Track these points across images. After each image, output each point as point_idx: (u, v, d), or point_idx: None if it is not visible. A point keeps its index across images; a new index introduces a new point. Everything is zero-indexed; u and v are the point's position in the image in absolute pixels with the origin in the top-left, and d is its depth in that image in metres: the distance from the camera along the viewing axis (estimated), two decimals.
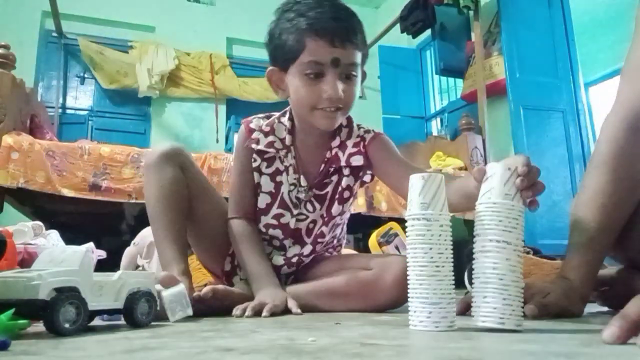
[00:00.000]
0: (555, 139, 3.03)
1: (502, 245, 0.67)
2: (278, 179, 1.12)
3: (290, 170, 1.11)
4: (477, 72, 3.19)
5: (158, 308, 0.77)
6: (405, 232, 0.70)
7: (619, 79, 0.97)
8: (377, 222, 2.50)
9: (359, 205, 2.57)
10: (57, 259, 0.68)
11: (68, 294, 0.62)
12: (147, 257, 1.72)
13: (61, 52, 4.15)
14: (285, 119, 1.12)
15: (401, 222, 1.69)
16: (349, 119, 1.12)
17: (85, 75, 4.28)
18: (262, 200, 1.13)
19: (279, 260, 1.13)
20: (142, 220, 1.81)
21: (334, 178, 1.12)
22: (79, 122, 4.17)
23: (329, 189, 1.12)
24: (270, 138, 1.10)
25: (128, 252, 1.76)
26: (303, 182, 1.11)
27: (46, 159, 2.15)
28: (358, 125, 1.13)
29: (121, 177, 2.24)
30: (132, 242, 1.84)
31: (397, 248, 2.12)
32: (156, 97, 4.31)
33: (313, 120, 1.02)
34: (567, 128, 3.06)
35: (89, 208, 2.28)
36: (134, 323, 0.72)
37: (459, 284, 0.69)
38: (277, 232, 1.13)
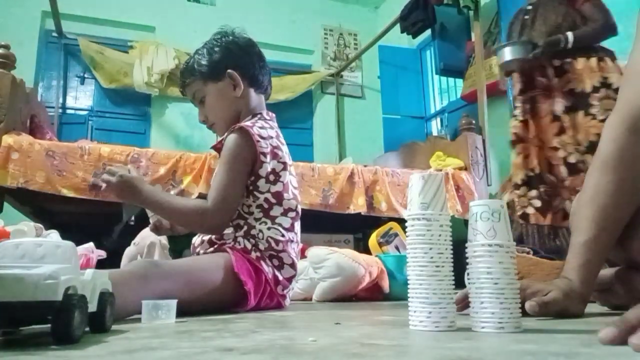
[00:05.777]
0: None
1: (494, 249, 0.67)
2: None
3: None
4: (477, 72, 3.19)
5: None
6: (405, 232, 0.70)
7: (621, 80, 0.96)
8: (377, 222, 2.50)
9: (359, 205, 2.57)
10: (34, 254, 0.58)
11: (77, 294, 0.55)
12: (147, 257, 1.72)
13: (61, 52, 4.14)
14: None
15: (401, 222, 1.70)
16: (254, 115, 1.38)
17: (85, 75, 4.28)
18: None
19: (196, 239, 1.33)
20: (142, 221, 1.81)
21: None
22: (79, 122, 4.16)
23: None
24: None
25: (128, 252, 1.76)
26: None
27: (46, 159, 2.15)
28: (239, 125, 1.29)
29: None
30: (132, 242, 1.84)
31: (397, 248, 2.11)
32: (156, 97, 4.30)
33: None
34: None
35: (89, 208, 2.28)
36: (102, 328, 0.65)
37: (459, 284, 0.69)
38: None
